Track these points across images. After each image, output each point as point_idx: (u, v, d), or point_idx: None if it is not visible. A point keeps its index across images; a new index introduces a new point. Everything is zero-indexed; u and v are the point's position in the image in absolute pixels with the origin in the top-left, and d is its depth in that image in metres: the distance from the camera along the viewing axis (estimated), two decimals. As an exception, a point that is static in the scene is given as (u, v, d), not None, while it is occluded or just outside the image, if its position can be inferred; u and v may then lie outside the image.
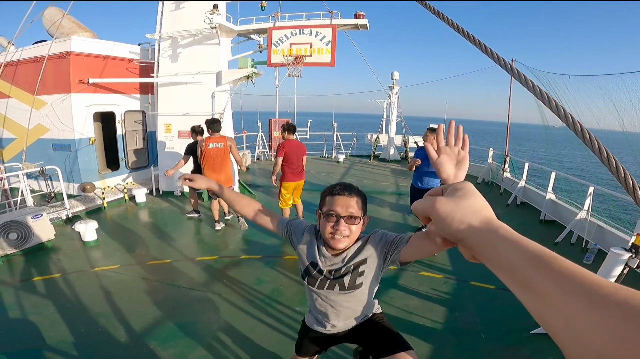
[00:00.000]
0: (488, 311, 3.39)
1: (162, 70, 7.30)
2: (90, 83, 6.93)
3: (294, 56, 7.44)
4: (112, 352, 2.68)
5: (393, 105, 12.32)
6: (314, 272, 1.54)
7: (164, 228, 5.64)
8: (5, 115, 7.62)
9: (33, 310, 3.22)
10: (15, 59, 7.17)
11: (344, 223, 1.36)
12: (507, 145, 8.76)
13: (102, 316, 3.13)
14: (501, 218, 0.49)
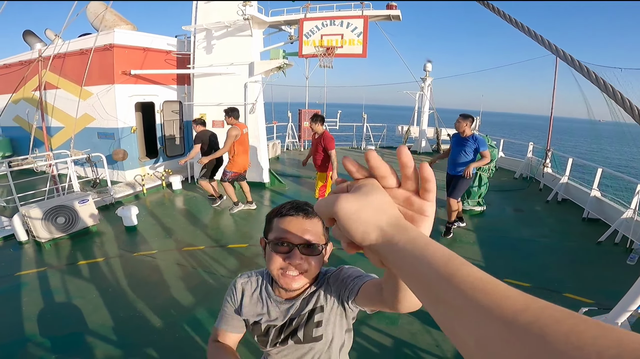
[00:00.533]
0: (521, 310, 3.28)
1: (198, 61, 7.52)
2: (132, 74, 7.27)
3: (325, 47, 7.41)
4: (148, 338, 2.81)
5: (425, 97, 11.99)
6: (262, 328, 1.14)
7: (197, 214, 5.88)
8: (54, 105, 8.14)
9: (77, 294, 3.42)
10: (62, 51, 7.59)
11: (299, 254, 0.97)
12: (549, 139, 8.30)
13: (139, 301, 3.30)
14: (540, 215, 0.47)
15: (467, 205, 5.99)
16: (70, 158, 5.93)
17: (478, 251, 4.50)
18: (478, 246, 4.67)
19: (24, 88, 8.48)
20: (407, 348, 2.74)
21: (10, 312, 3.10)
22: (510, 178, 8.90)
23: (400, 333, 2.90)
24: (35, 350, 2.63)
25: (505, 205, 6.60)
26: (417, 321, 3.04)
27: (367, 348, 2.73)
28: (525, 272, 3.97)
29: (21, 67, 8.60)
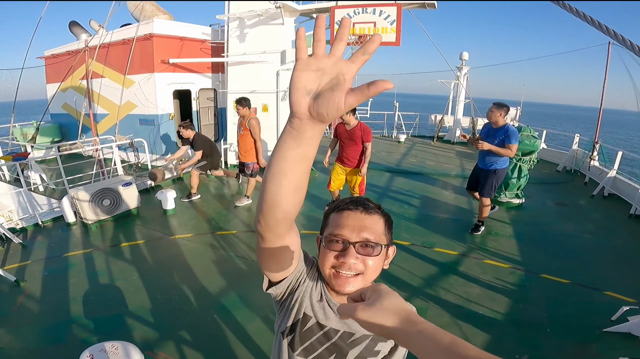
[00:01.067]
0: (558, 306, 3.15)
1: (231, 50, 7.63)
2: (170, 63, 7.55)
3: (357, 35, 7.32)
4: (182, 320, 2.91)
5: (461, 86, 11.55)
6: (306, 327, 0.95)
7: (230, 198, 6.07)
8: (99, 93, 8.62)
9: (120, 276, 3.58)
10: (106, 41, 7.98)
11: (354, 252, 0.85)
12: (597, 131, 7.76)
13: (175, 284, 3.45)
14: (584, 210, 0.46)
15: (504, 197, 5.75)
16: (115, 143, 6.27)
17: (515, 245, 4.33)
18: (515, 240, 4.49)
19: (71, 77, 9.01)
20: (435, 340, 2.71)
21: (58, 293, 3.30)
22: (553, 170, 8.43)
23: (427, 324, 2.87)
24: (79, 331, 2.77)
25: (546, 198, 6.27)
26: (446, 314, 3.00)
27: None
28: (564, 268, 3.78)
29: (69, 57, 9.12)
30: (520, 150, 5.54)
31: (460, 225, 4.94)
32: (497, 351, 2.58)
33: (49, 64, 10.36)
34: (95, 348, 2.13)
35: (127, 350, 2.14)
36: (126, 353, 2.12)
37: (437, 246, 4.25)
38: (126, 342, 2.22)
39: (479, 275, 3.62)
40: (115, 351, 2.12)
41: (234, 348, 2.61)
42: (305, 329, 0.95)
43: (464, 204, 5.84)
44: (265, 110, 7.60)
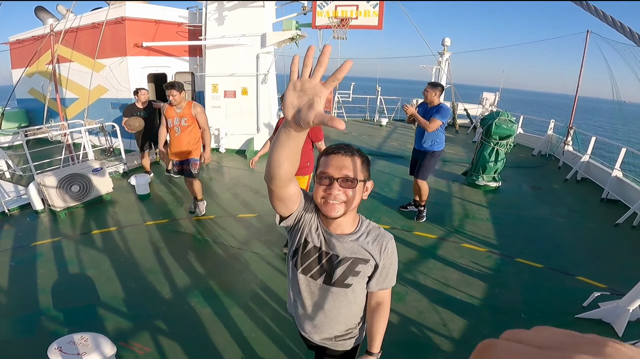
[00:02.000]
0: (532, 291, 3.23)
1: (210, 33, 7.43)
2: (144, 46, 7.29)
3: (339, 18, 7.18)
4: (157, 310, 2.82)
5: (443, 72, 11.62)
6: (306, 250, 1.25)
7: (209, 182, 5.93)
8: (67, 78, 8.24)
9: (91, 265, 3.45)
10: (74, 25, 7.60)
11: (337, 186, 1.13)
12: (572, 117, 7.95)
13: (150, 272, 3.35)
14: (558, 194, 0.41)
15: (481, 180, 5.85)
16: (84, 127, 6.00)
17: (491, 229, 4.41)
18: (491, 223, 4.57)
19: (37, 63, 8.67)
20: (413, 326, 2.73)
21: (27, 284, 3.15)
22: (529, 155, 8.64)
23: (407, 310, 2.89)
24: (49, 324, 2.67)
25: (522, 181, 6.42)
26: (425, 299, 3.03)
27: None
28: (539, 252, 3.88)
29: (34, 42, 8.73)
30: (498, 134, 5.63)
31: (439, 208, 4.99)
32: (475, 336, 2.64)
33: (13, 49, 9.86)
34: (64, 339, 2.04)
35: (97, 341, 2.06)
36: (96, 344, 2.04)
37: (416, 230, 4.28)
38: (96, 333, 2.13)
39: (456, 259, 3.67)
40: (84, 343, 2.03)
41: (211, 337, 2.55)
42: (305, 252, 1.25)
43: (442, 187, 5.91)
44: (244, 93, 7.43)
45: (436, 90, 4.17)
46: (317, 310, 1.31)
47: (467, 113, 11.90)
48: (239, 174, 6.41)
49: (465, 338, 2.62)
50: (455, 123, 11.79)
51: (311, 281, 1.27)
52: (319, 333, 1.37)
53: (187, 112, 4.13)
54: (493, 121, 5.64)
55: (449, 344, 2.56)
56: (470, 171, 6.09)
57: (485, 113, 10.76)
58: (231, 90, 7.48)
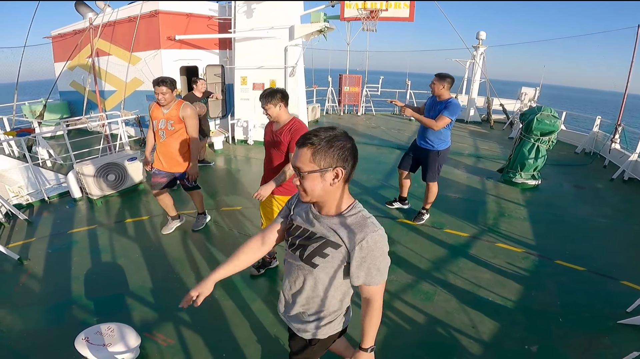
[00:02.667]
0: (571, 294, 3.00)
1: (239, 25, 7.48)
2: (177, 39, 7.44)
3: (368, 10, 7.01)
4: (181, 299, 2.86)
5: (477, 66, 11.13)
6: (292, 228, 1.36)
7: (236, 174, 6.01)
8: (106, 71, 8.58)
9: (122, 253, 3.52)
10: (112, 19, 7.88)
11: (297, 176, 1.19)
12: (620, 113, 7.37)
13: (177, 262, 3.38)
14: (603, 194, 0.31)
15: (519, 177, 5.53)
16: (121, 118, 6.23)
17: (529, 229, 4.15)
18: (529, 223, 4.31)
19: (78, 56, 9.07)
20: (440, 326, 2.60)
21: (61, 272, 3.24)
22: (571, 152, 8.12)
23: (434, 310, 2.76)
24: (79, 312, 2.72)
25: (564, 180, 6.03)
26: (454, 300, 2.88)
27: (398, 323, 2.62)
28: (580, 254, 3.61)
29: (74, 35, 9.12)
30: (539, 129, 5.29)
31: (472, 205, 4.78)
32: (506, 339, 2.49)
33: (56, 43, 10.38)
34: (91, 330, 2.10)
35: (123, 332, 2.10)
36: (122, 335, 2.08)
37: (447, 227, 4.11)
38: (122, 324, 2.17)
39: (490, 259, 3.48)
40: (111, 334, 2.07)
41: (233, 330, 2.54)
42: (292, 229, 1.36)
43: (475, 184, 5.65)
44: (273, 85, 7.44)
45: (444, 82, 3.73)
46: (290, 283, 1.40)
47: (503, 108, 11.37)
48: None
49: (495, 341, 2.47)
50: (490, 119, 11.30)
51: (291, 254, 1.36)
52: (287, 308, 1.45)
53: (174, 113, 3.42)
54: (534, 116, 5.30)
55: (478, 347, 2.41)
56: (506, 168, 5.78)
57: (524, 108, 10.21)
58: (259, 83, 7.53)
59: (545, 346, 2.44)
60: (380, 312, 1.30)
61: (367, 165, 6.38)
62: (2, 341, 2.41)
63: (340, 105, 12.80)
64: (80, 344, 1.99)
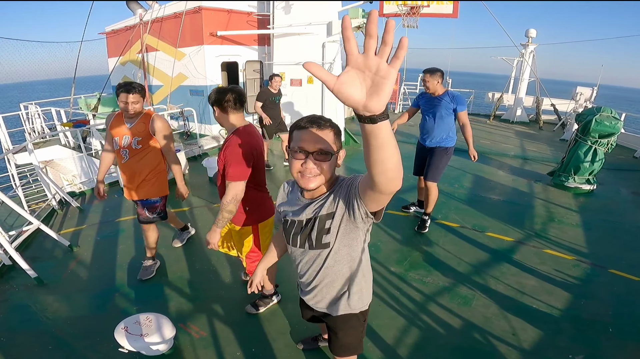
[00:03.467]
0: (626, 305, 2.74)
1: (277, 22, 7.54)
2: (219, 35, 7.64)
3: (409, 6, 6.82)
4: (217, 293, 2.86)
5: (527, 64, 10.49)
6: (287, 226, 1.37)
7: (273, 165, 6.08)
8: (154, 66, 8.98)
9: (163, 243, 3.49)
10: (159, 15, 8.23)
11: (312, 160, 1.15)
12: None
13: (214, 254, 3.40)
14: None
15: (572, 181, 5.12)
16: (167, 112, 6.52)
17: (581, 235, 3.83)
18: (582, 229, 3.97)
19: (129, 52, 9.51)
20: (477, 332, 2.45)
21: (108, 260, 3.36)
22: (630, 157, 7.43)
23: (472, 315, 2.61)
24: (121, 301, 2.79)
25: (621, 186, 5.52)
26: (494, 305, 2.70)
27: (432, 327, 2.50)
28: (637, 264, 3.28)
29: (126, 31, 9.58)
30: (598, 131, 4.86)
31: (517, 209, 4.49)
32: (549, 348, 2.32)
33: (109, 39, 10.99)
34: (131, 319, 2.16)
35: (159, 323, 2.15)
36: (159, 325, 2.13)
37: (490, 231, 3.88)
38: (160, 314, 2.22)
39: (536, 266, 3.24)
40: (148, 324, 2.13)
41: (263, 324, 2.52)
42: (287, 228, 1.37)
43: (522, 186, 5.31)
44: (310, 82, 7.44)
45: (437, 77, 3.54)
46: (312, 275, 1.38)
47: (554, 108, 10.64)
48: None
49: (537, 349, 2.30)
50: (539, 119, 10.62)
51: (298, 250, 1.36)
52: (319, 299, 1.44)
53: (141, 128, 2.67)
54: (593, 117, 4.87)
55: (517, 355, 2.25)
56: (558, 171, 5.36)
57: (579, 109, 9.48)
58: (297, 79, 7.54)
59: (592, 357, 2.24)
60: None
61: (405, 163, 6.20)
62: (48, 327, 2.51)
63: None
64: (120, 333, 2.05)
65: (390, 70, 0.61)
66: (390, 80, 0.62)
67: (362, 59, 0.61)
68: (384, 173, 0.83)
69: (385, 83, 0.62)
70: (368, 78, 0.63)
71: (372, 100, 0.64)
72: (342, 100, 0.65)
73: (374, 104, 0.65)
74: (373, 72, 0.61)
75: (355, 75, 0.63)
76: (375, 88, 0.63)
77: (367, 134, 0.72)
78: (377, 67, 0.61)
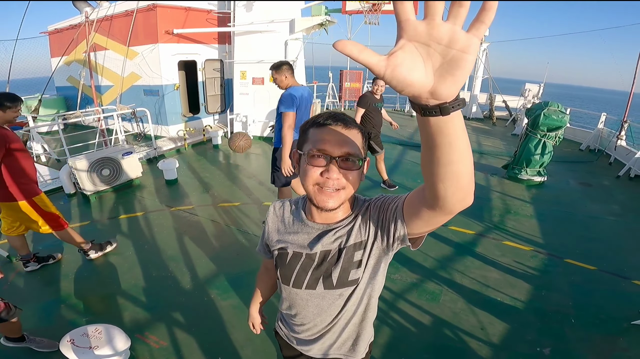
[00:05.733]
0: (584, 295, 2.88)
1: (238, 19, 7.35)
2: (175, 33, 7.31)
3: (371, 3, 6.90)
4: (176, 299, 2.72)
5: (480, 62, 11.00)
6: (286, 261, 1.02)
7: (235, 170, 5.87)
8: (103, 65, 8.44)
9: (115, 251, 3.37)
10: (109, 13, 7.74)
11: (336, 167, 0.85)
12: (627, 110, 7.24)
13: (172, 260, 3.25)
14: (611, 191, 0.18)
15: (525, 174, 5.40)
16: (116, 112, 6.11)
17: (536, 226, 4.03)
18: (536, 220, 4.18)
19: (75, 51, 8.93)
20: (448, 328, 2.48)
21: (52, 270, 3.12)
22: (575, 149, 8.00)
23: (441, 311, 2.64)
24: (68, 313, 2.60)
25: (570, 177, 5.91)
26: (461, 300, 2.76)
27: (403, 325, 2.50)
28: (591, 253, 3.49)
29: (71, 30, 9.00)
30: (546, 125, 5.16)
31: (477, 202, 4.59)
32: (518, 341, 2.37)
33: (53, 38, 10.26)
34: (77, 332, 1.96)
35: (110, 334, 1.96)
36: (109, 337, 1.94)
37: (452, 225, 3.97)
38: (111, 325, 2.03)
39: (497, 258, 3.35)
40: (98, 336, 1.94)
41: (229, 331, 2.41)
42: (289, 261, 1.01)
43: (480, 180, 5.53)
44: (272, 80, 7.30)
45: (280, 73, 3.19)
46: (325, 322, 1.04)
47: (506, 105, 11.25)
48: (265, 161, 6.30)
49: (506, 344, 2.35)
50: (493, 115, 11.18)
51: (304, 291, 1.01)
52: (320, 346, 1.10)
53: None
54: (541, 111, 5.16)
55: (488, 350, 2.29)
56: (511, 164, 5.65)
57: (528, 105, 10.09)
58: (259, 77, 7.39)
59: (559, 349, 2.33)
60: None
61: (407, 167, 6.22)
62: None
63: (340, 101, 12.71)
64: (65, 346, 1.86)
65: (472, 39, 0.43)
66: (473, 54, 0.44)
67: (424, 27, 0.44)
68: (455, 182, 0.60)
69: (466, 58, 0.44)
70: (437, 53, 0.45)
71: (444, 82, 0.46)
72: (398, 89, 0.47)
73: (446, 88, 0.47)
74: (444, 44, 0.44)
75: (415, 51, 0.45)
76: (449, 66, 0.45)
77: (433, 132, 0.53)
78: (451, 37, 0.43)
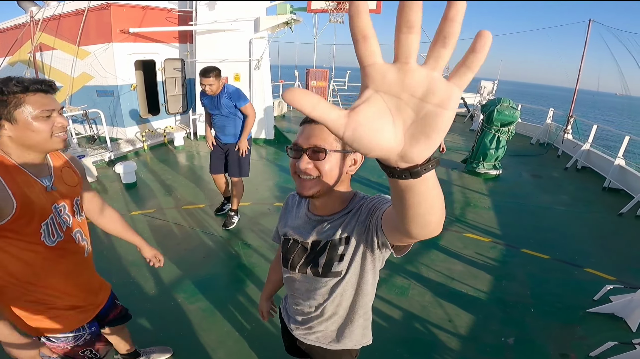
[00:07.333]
0: (540, 284, 3.07)
1: (200, 18, 7.14)
2: (131, 32, 6.98)
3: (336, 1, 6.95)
4: (141, 306, 2.60)
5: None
6: (287, 246, 1.16)
7: (199, 171, 5.71)
8: (51, 66, 7.92)
9: None
10: (57, 13, 7.28)
11: (306, 158, 0.94)
12: (572, 105, 7.83)
13: (134, 265, 3.11)
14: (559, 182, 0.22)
15: (482, 168, 5.70)
16: (65, 114, 5.74)
17: (493, 217, 4.26)
18: (493, 212, 4.42)
19: (19, 51, 8.35)
20: (417, 322, 2.56)
21: None
22: (527, 143, 8.55)
23: (410, 305, 2.72)
24: None
25: (522, 170, 6.31)
26: (429, 293, 2.85)
27: (374, 320, 2.49)
28: (544, 242, 3.74)
29: (15, 30, 8.40)
30: (500, 120, 5.47)
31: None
32: (483, 332, 2.48)
33: None
34: None
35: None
36: None
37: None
38: None
39: (460, 250, 3.51)
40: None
41: (200, 335, 2.36)
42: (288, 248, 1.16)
43: (441, 174, 5.76)
44: (237, 79, 7.19)
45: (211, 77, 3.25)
46: (313, 306, 1.16)
47: (463, 101, 11.76)
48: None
49: (473, 335, 2.46)
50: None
51: (300, 275, 1.14)
52: (313, 331, 1.21)
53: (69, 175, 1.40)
54: (495, 107, 5.47)
55: (457, 342, 2.39)
56: (470, 158, 5.94)
57: (483, 101, 10.62)
58: (223, 76, 7.22)
59: (522, 339, 2.46)
60: None
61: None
62: None
63: (308, 100, 12.81)
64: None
65: (453, 91, 0.35)
66: (452, 110, 0.35)
67: (395, 74, 0.35)
68: (422, 227, 0.60)
69: (443, 115, 0.35)
70: (409, 108, 0.36)
71: (416, 145, 0.38)
72: (361, 152, 0.39)
73: (419, 152, 0.39)
74: (419, 97, 0.35)
75: (383, 106, 0.36)
76: (423, 126, 0.36)
77: (402, 190, 0.49)
78: (427, 88, 0.35)
